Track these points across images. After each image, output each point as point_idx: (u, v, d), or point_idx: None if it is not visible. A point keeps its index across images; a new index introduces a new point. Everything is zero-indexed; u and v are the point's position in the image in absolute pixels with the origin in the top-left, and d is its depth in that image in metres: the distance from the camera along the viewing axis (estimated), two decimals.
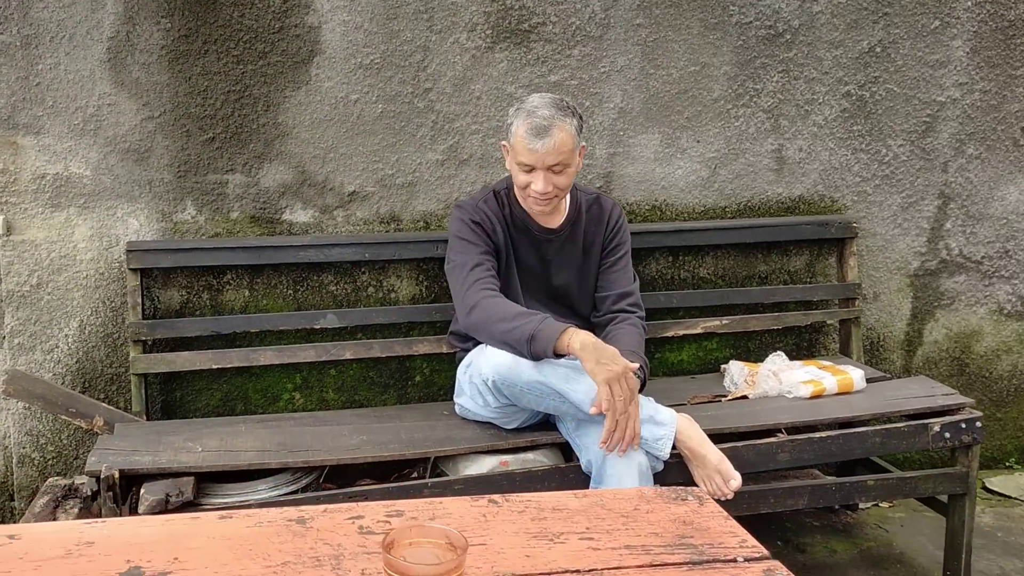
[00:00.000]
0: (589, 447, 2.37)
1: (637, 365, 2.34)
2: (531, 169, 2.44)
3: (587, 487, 2.46)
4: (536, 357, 2.32)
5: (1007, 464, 3.63)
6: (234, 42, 2.77)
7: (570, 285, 2.67)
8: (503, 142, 2.54)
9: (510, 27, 2.95)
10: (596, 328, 2.71)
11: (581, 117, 2.48)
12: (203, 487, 2.37)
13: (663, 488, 1.39)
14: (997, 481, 3.50)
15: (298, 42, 2.81)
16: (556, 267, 2.65)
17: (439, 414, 2.79)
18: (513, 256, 2.62)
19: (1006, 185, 3.44)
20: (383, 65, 2.88)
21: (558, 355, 2.30)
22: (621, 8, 3.02)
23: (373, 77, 2.88)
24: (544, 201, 2.49)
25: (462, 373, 2.63)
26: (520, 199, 2.57)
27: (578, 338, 2.26)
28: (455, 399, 2.70)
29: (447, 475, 2.58)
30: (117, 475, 2.25)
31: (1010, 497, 3.45)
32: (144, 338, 2.77)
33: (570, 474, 2.49)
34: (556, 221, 2.62)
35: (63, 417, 2.61)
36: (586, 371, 2.26)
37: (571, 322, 2.62)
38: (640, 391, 2.40)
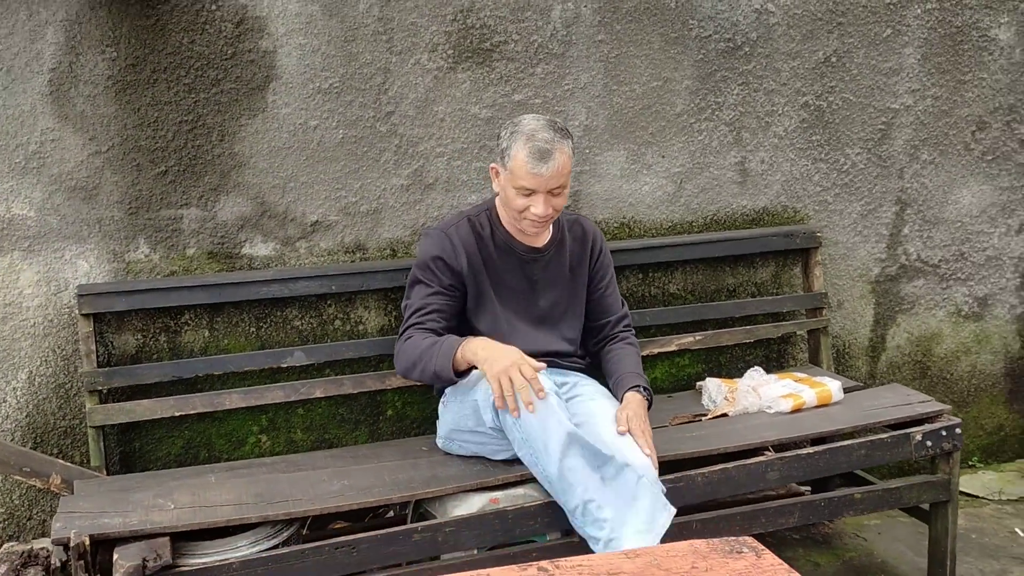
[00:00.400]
0: None
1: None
2: (531, 193, 2.39)
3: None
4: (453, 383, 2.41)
5: (970, 463, 3.69)
6: (185, 70, 2.63)
7: (557, 306, 2.61)
8: (492, 164, 2.47)
9: (472, 46, 2.86)
10: (595, 353, 2.68)
11: (572, 137, 2.45)
12: (178, 546, 2.22)
13: (715, 540, 1.32)
14: (963, 481, 3.53)
15: (253, 68, 2.68)
16: (543, 287, 2.59)
17: (419, 450, 2.68)
18: (489, 281, 2.53)
19: (959, 189, 3.49)
20: (343, 89, 2.77)
21: (463, 373, 2.37)
22: (582, 24, 2.96)
23: (333, 102, 2.76)
24: (541, 224, 2.46)
25: (454, 396, 2.54)
26: (511, 221, 2.51)
27: (469, 348, 2.33)
28: (438, 433, 2.60)
29: (432, 515, 2.48)
30: (87, 541, 2.09)
31: (978, 497, 3.49)
32: (100, 387, 2.60)
33: (564, 509, 2.41)
34: (541, 240, 2.58)
35: (16, 477, 2.44)
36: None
37: (558, 346, 2.57)
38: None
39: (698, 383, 3.09)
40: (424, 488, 2.41)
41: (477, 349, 2.32)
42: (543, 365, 2.33)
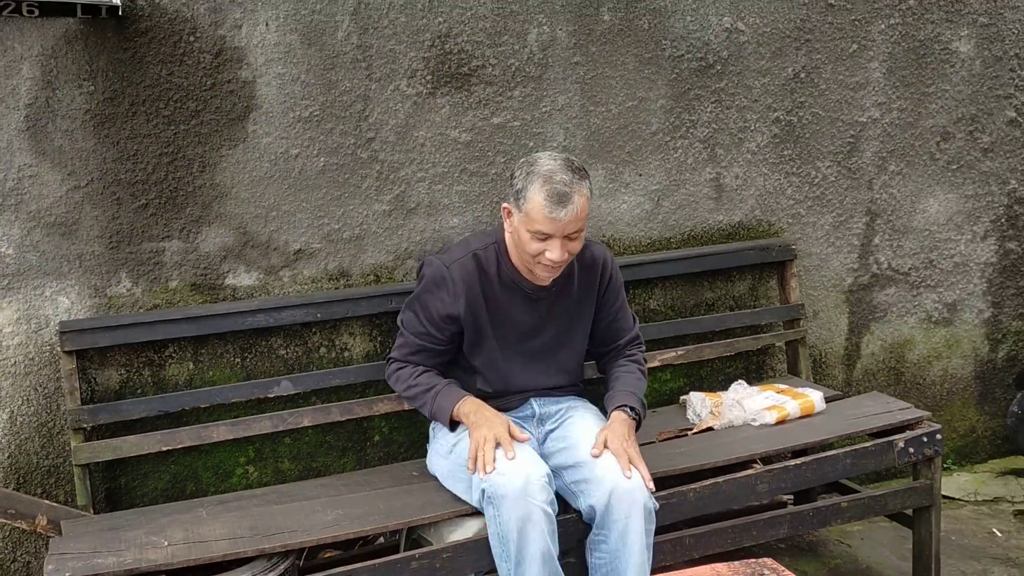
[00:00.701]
0: (589, 492, 2.32)
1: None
2: (547, 237, 2.29)
3: (580, 537, 2.40)
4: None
5: (945, 466, 3.75)
6: (163, 102, 2.60)
7: (558, 339, 2.56)
8: (505, 204, 2.39)
9: (450, 71, 2.88)
10: (603, 373, 2.70)
11: (589, 176, 2.36)
12: None
13: (736, 564, 1.33)
14: None
15: (232, 98, 2.67)
16: (546, 322, 2.53)
17: (409, 475, 2.68)
18: (489, 321, 2.47)
19: (926, 198, 3.57)
20: (323, 117, 2.76)
21: (458, 424, 2.46)
22: (558, 47, 2.99)
23: (313, 130, 2.76)
24: (555, 269, 2.37)
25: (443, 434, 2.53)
26: (524, 264, 2.40)
27: (463, 409, 2.41)
28: (429, 455, 2.60)
29: (427, 541, 2.48)
30: None
31: (954, 499, 3.56)
32: (85, 425, 2.56)
33: (558, 528, 2.41)
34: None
35: (0, 520, 2.39)
36: None
37: (555, 380, 2.56)
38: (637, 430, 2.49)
39: (681, 397, 3.12)
40: (419, 514, 2.41)
41: (470, 412, 2.40)
42: (527, 436, 2.38)
